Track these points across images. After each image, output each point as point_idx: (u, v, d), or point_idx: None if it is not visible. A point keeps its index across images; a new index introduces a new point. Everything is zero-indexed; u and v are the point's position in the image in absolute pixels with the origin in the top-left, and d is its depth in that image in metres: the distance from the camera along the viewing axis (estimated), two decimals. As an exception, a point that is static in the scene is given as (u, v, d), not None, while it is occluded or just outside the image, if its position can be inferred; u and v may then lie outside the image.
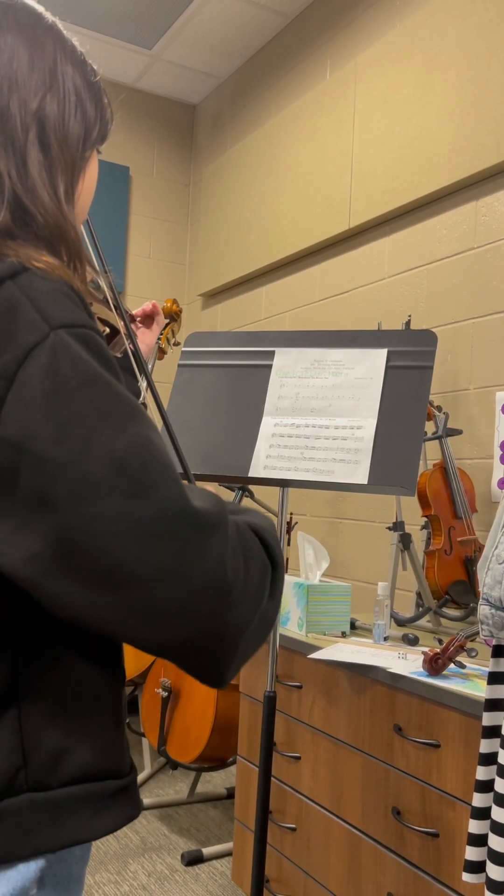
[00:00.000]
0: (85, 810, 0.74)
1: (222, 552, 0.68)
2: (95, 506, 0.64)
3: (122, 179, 4.24)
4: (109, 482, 0.65)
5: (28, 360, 0.66)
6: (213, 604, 0.67)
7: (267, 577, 0.75)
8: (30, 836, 0.71)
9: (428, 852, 1.67)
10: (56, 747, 0.73)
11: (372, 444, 1.62)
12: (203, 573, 0.67)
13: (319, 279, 3.36)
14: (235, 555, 0.70)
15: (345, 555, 3.09)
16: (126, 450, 0.66)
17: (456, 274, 2.67)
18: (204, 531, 0.68)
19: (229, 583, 0.68)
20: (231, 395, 1.81)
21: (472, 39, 2.59)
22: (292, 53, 3.67)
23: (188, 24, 3.72)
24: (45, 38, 0.82)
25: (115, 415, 0.67)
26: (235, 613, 0.69)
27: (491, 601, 1.29)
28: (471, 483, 2.41)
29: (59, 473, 0.64)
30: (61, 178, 0.81)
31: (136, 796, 0.80)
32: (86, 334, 0.70)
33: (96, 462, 0.65)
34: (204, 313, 4.28)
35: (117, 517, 0.64)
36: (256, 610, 0.72)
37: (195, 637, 0.68)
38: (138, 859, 2.65)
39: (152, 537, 0.65)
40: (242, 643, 0.72)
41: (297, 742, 2.10)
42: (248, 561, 0.72)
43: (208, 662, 0.71)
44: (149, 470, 0.67)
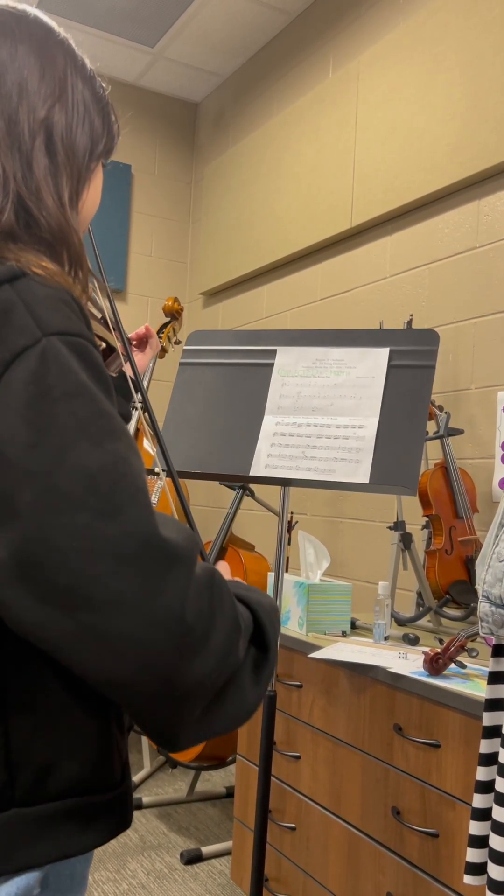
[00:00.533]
0: (73, 824, 0.73)
1: (183, 588, 0.65)
2: (60, 519, 0.62)
3: (123, 177, 4.24)
4: (77, 497, 0.63)
5: (15, 363, 0.66)
6: (166, 641, 0.63)
7: (237, 637, 0.70)
8: (17, 851, 0.71)
9: (427, 852, 1.67)
10: (43, 762, 0.72)
11: (373, 443, 1.62)
12: (159, 606, 0.63)
13: (321, 278, 3.36)
14: (200, 598, 0.66)
15: (345, 554, 3.08)
16: (99, 467, 0.64)
17: (458, 273, 2.67)
18: (167, 562, 0.65)
19: (188, 624, 0.64)
20: (232, 394, 1.81)
21: (474, 38, 2.58)
22: (294, 52, 3.66)
23: (190, 22, 3.72)
24: (56, 50, 0.83)
25: (94, 429, 0.66)
26: (192, 662, 0.65)
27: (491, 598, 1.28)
28: (472, 483, 2.41)
29: (28, 481, 0.63)
30: (66, 184, 0.81)
31: (125, 807, 0.79)
32: (79, 343, 0.69)
33: (67, 475, 0.63)
34: (205, 312, 4.28)
35: (80, 534, 0.62)
36: (220, 669, 0.68)
37: (144, 677, 0.64)
38: (137, 858, 2.65)
39: (113, 560, 0.63)
40: (199, 702, 0.67)
41: (297, 741, 2.10)
42: (216, 611, 0.68)
43: (159, 714, 0.66)
44: (120, 490, 0.64)
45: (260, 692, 0.74)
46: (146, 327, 1.47)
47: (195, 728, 0.69)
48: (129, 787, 0.81)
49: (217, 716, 0.70)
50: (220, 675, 0.68)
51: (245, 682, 0.72)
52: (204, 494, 4.16)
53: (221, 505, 4.00)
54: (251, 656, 0.74)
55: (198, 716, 0.68)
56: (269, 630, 0.76)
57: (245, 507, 3.75)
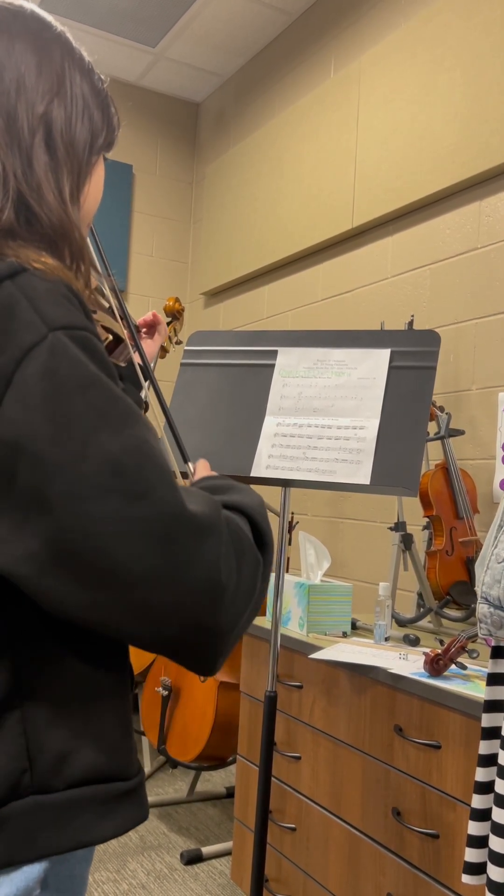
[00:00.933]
0: (90, 813, 0.74)
1: (216, 555, 0.69)
2: (92, 506, 0.65)
3: (125, 177, 4.24)
4: (106, 483, 0.65)
5: (26, 360, 0.67)
6: (207, 604, 0.69)
7: (258, 569, 0.76)
8: (35, 839, 0.71)
9: (428, 853, 1.67)
10: (60, 749, 0.73)
11: (374, 444, 1.62)
12: (198, 575, 0.68)
13: (322, 278, 3.36)
14: (229, 557, 0.71)
15: (346, 555, 3.08)
16: (123, 451, 0.67)
17: (459, 274, 2.67)
18: (199, 534, 0.68)
19: (223, 584, 0.70)
20: (233, 395, 1.81)
21: (476, 39, 2.58)
22: (296, 52, 3.66)
23: (192, 23, 3.72)
24: (54, 45, 0.83)
25: (112, 416, 0.68)
26: (228, 611, 0.71)
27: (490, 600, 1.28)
28: (472, 483, 2.41)
29: (56, 474, 0.65)
30: (67, 180, 0.81)
31: (143, 799, 0.80)
32: (83, 336, 0.70)
33: (93, 463, 0.65)
34: (206, 312, 4.28)
35: (113, 518, 0.65)
36: (248, 605, 0.74)
37: (190, 635, 0.69)
38: (137, 858, 2.65)
39: (148, 538, 0.66)
40: (234, 635, 0.73)
41: (298, 742, 2.10)
42: (241, 560, 0.73)
43: (202, 656, 0.72)
44: (145, 472, 0.67)
45: (266, 583, 0.80)
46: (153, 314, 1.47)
47: (229, 651, 0.75)
48: (143, 779, 0.81)
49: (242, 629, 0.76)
50: (249, 605, 0.74)
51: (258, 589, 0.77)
52: (205, 494, 4.16)
53: (222, 505, 3.99)
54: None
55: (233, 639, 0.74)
56: (264, 530, 0.80)
57: (246, 507, 3.74)
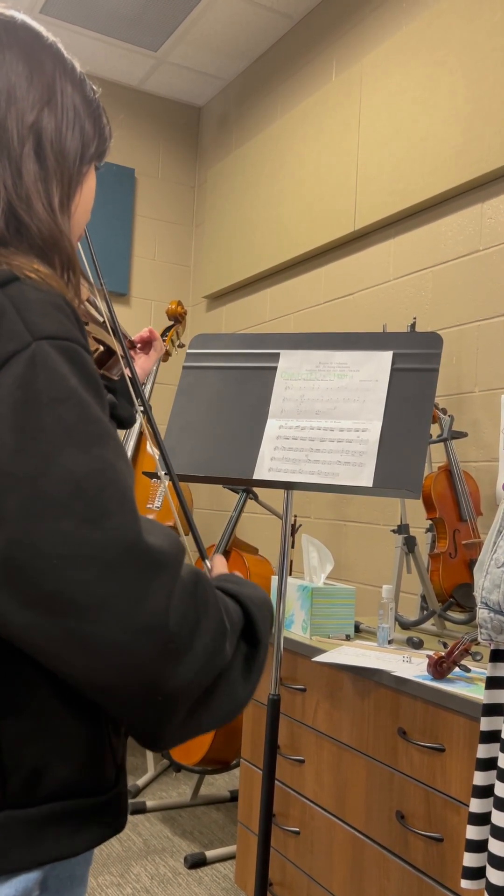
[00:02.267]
0: (65, 826, 0.73)
1: (167, 595, 0.65)
2: (45, 525, 0.63)
3: (127, 181, 4.25)
4: (63, 503, 0.63)
5: (4, 368, 0.66)
6: (150, 648, 0.64)
7: (224, 639, 0.70)
8: (9, 853, 0.71)
9: (432, 857, 1.66)
10: (35, 764, 0.72)
11: (377, 446, 1.62)
12: (142, 614, 0.64)
13: (324, 281, 3.36)
14: (184, 603, 0.66)
15: (349, 557, 3.08)
16: (86, 472, 0.64)
17: (461, 276, 2.66)
18: (152, 568, 0.65)
19: (171, 630, 0.65)
20: (236, 398, 1.81)
21: (478, 41, 2.59)
22: (298, 55, 3.67)
23: (193, 26, 3.72)
24: (45, 55, 0.82)
25: (81, 435, 0.66)
26: (176, 667, 0.65)
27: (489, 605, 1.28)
28: (475, 486, 2.41)
29: (13, 487, 0.63)
30: (56, 189, 0.81)
31: (119, 811, 0.79)
32: (70, 347, 0.69)
33: (53, 481, 0.63)
34: (208, 315, 4.28)
35: (65, 540, 0.63)
36: (205, 671, 0.68)
37: (127, 682, 0.64)
38: (141, 862, 2.65)
39: (97, 566, 0.63)
40: (183, 705, 0.68)
41: (301, 745, 2.09)
42: (201, 615, 0.68)
43: (143, 716, 0.67)
44: (105, 496, 0.65)
45: (251, 686, 0.74)
46: (150, 330, 1.47)
47: (180, 728, 0.69)
48: (123, 789, 0.80)
49: (206, 714, 0.71)
50: (205, 677, 0.68)
51: (235, 679, 0.73)
52: (207, 498, 4.16)
53: (225, 508, 4.00)
54: (241, 652, 0.74)
55: (183, 717, 0.69)
56: (259, 624, 0.76)
57: (248, 510, 3.75)
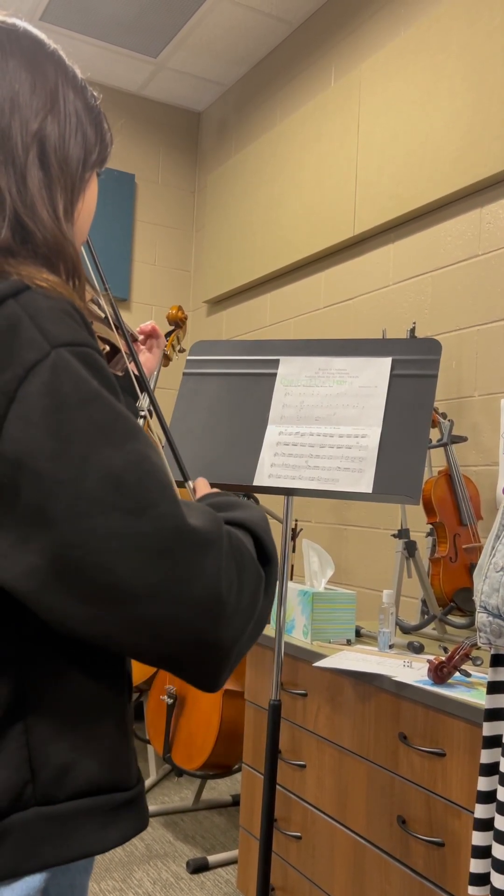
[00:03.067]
0: (92, 823, 0.75)
1: (217, 569, 0.70)
2: (93, 522, 0.65)
3: (127, 187, 4.26)
4: (107, 499, 0.66)
5: (29, 377, 0.67)
6: (208, 619, 0.69)
7: (261, 585, 0.76)
8: (38, 849, 0.72)
9: (433, 861, 1.67)
10: (63, 761, 0.74)
11: (376, 452, 1.62)
12: (199, 590, 0.68)
13: (324, 286, 3.37)
14: (230, 570, 0.71)
15: (349, 562, 3.08)
16: (124, 467, 0.67)
17: (461, 281, 2.67)
18: (200, 548, 0.69)
19: (224, 599, 0.70)
20: (235, 404, 1.81)
21: (477, 46, 2.59)
22: (297, 61, 3.68)
23: (193, 32, 3.74)
24: (47, 63, 0.83)
25: (113, 432, 0.68)
26: (230, 626, 0.71)
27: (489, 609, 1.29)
28: (476, 490, 2.41)
29: (58, 490, 0.65)
30: (61, 196, 0.81)
31: (143, 808, 0.81)
32: (86, 353, 0.71)
33: (94, 479, 0.66)
34: (209, 320, 4.29)
35: (114, 534, 0.66)
36: (250, 620, 0.74)
37: (192, 650, 0.70)
38: (143, 867, 2.65)
39: (149, 554, 0.66)
40: (236, 650, 0.74)
41: (302, 750, 2.10)
42: (242, 574, 0.73)
43: (204, 671, 0.73)
44: (146, 487, 0.68)
45: (271, 602, 0.80)
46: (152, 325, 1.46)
47: (232, 667, 0.75)
48: (143, 788, 0.82)
49: (245, 646, 0.76)
50: (250, 622, 0.74)
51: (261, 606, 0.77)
52: (209, 502, 4.16)
53: (226, 512, 4.00)
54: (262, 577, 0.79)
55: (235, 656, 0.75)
56: (268, 544, 0.81)
57: (250, 514, 3.75)
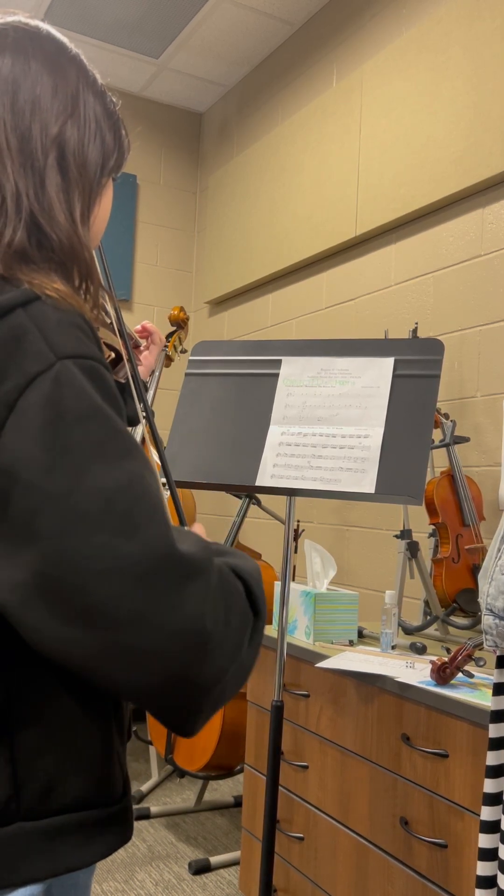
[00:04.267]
0: (76, 838, 0.74)
1: (202, 600, 0.67)
2: (79, 540, 0.63)
3: (129, 187, 4.26)
4: (96, 518, 0.64)
5: (30, 388, 0.66)
6: (188, 652, 0.66)
7: (247, 628, 0.73)
8: (21, 864, 0.71)
9: (436, 863, 1.66)
10: (48, 776, 0.73)
11: (379, 452, 1.62)
12: (181, 620, 0.65)
13: (326, 287, 3.37)
14: (216, 604, 0.69)
15: (352, 562, 3.08)
16: (116, 487, 0.65)
17: (463, 281, 2.67)
18: (186, 576, 0.66)
19: (207, 632, 0.67)
20: (238, 404, 1.81)
21: (479, 47, 2.59)
22: (298, 61, 3.68)
23: (195, 33, 3.74)
24: (69, 66, 0.83)
25: (109, 450, 0.67)
26: (211, 664, 0.68)
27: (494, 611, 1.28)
28: (478, 490, 2.41)
29: (47, 504, 0.64)
30: (78, 201, 0.81)
31: (127, 821, 0.80)
32: (92, 366, 0.70)
33: (85, 496, 0.64)
34: (211, 321, 4.29)
35: (100, 554, 0.63)
36: (233, 661, 0.71)
37: (167, 685, 0.67)
38: (145, 868, 2.65)
39: (133, 578, 0.64)
40: (216, 692, 0.70)
41: (305, 751, 2.09)
42: (229, 612, 0.70)
43: (181, 710, 0.69)
44: (137, 509, 0.66)
45: (255, 654, 0.77)
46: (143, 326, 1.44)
47: (210, 712, 0.72)
48: (129, 800, 0.82)
49: (226, 693, 0.73)
50: (233, 664, 0.71)
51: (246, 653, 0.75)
52: (210, 503, 4.16)
53: (228, 514, 4.00)
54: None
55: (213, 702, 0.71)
56: (258, 596, 0.78)
57: (251, 515, 3.75)
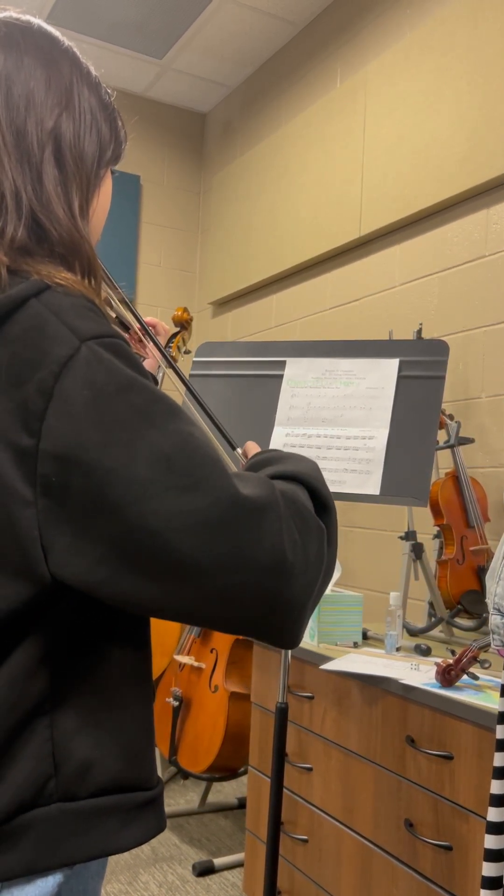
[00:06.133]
0: (113, 821, 0.74)
1: (278, 532, 0.70)
2: (150, 505, 0.66)
3: (132, 188, 4.26)
4: (160, 480, 0.67)
5: (64, 373, 0.68)
6: (277, 582, 0.70)
7: (323, 536, 0.76)
8: (59, 846, 0.72)
9: (441, 865, 1.66)
10: (86, 757, 0.73)
11: (384, 454, 1.62)
12: (263, 554, 0.69)
13: (330, 287, 3.36)
14: (291, 531, 0.72)
15: (356, 564, 3.08)
16: (171, 447, 0.68)
17: (467, 282, 2.66)
18: (258, 514, 0.69)
19: (289, 560, 0.71)
20: (242, 405, 1.81)
21: (483, 47, 2.59)
22: (302, 62, 3.67)
23: (198, 34, 3.74)
24: (62, 60, 0.83)
25: (155, 415, 0.69)
26: (300, 585, 0.72)
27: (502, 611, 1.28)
28: (483, 492, 2.40)
29: (111, 478, 0.66)
30: (76, 194, 0.82)
31: (162, 809, 0.80)
32: (113, 343, 0.72)
33: (144, 462, 0.67)
34: (214, 321, 4.29)
35: (172, 513, 0.66)
36: (319, 573, 0.74)
37: (266, 613, 0.71)
38: (149, 870, 2.64)
39: (209, 528, 0.67)
40: (310, 605, 0.74)
41: (309, 753, 2.09)
42: (304, 531, 0.73)
43: (282, 631, 0.73)
44: (195, 464, 0.68)
45: (335, 548, 0.80)
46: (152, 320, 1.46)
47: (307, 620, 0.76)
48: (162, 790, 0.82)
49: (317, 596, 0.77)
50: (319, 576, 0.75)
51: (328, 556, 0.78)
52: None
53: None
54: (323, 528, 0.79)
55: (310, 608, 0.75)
56: (323, 493, 0.80)
57: (255, 516, 3.74)
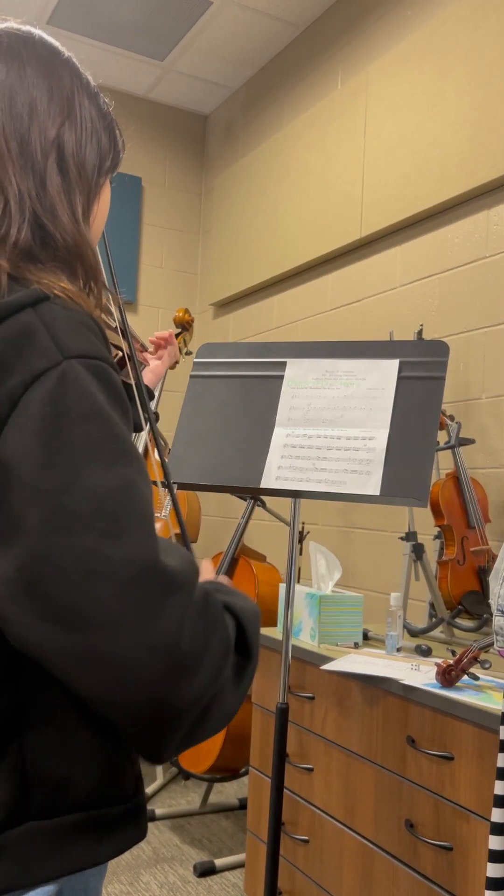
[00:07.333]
0: (88, 836, 0.74)
1: (181, 614, 0.66)
2: (66, 539, 0.64)
3: (134, 189, 4.26)
4: (84, 519, 0.64)
5: (35, 384, 0.67)
6: (162, 666, 0.65)
7: (228, 657, 0.72)
8: (34, 865, 0.71)
9: (442, 866, 1.66)
10: (59, 775, 0.73)
11: (384, 455, 1.62)
12: (157, 631, 0.65)
13: (331, 288, 3.37)
14: (196, 622, 0.68)
15: (357, 564, 3.08)
16: (108, 490, 0.66)
17: (468, 283, 2.67)
18: (167, 588, 0.66)
19: (183, 650, 0.66)
20: (243, 406, 1.81)
21: (484, 48, 2.59)
22: (304, 63, 3.68)
23: (200, 36, 3.74)
24: (63, 70, 0.84)
25: (106, 452, 0.67)
26: (184, 686, 0.66)
27: (505, 613, 1.28)
28: (483, 492, 2.40)
29: (39, 500, 0.64)
30: (79, 200, 0.83)
31: (140, 819, 0.80)
32: (98, 366, 0.71)
33: (77, 496, 0.65)
34: (216, 322, 4.29)
35: (84, 555, 0.64)
36: (211, 688, 0.69)
37: (137, 699, 0.65)
38: (150, 870, 2.64)
39: (114, 583, 0.64)
40: (187, 720, 0.69)
41: (310, 753, 2.09)
42: (210, 633, 0.69)
43: (149, 731, 0.68)
44: (126, 514, 0.66)
45: (241, 697, 0.75)
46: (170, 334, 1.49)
47: (180, 742, 0.70)
48: (142, 798, 0.81)
49: (201, 728, 0.72)
50: (209, 694, 0.70)
51: (228, 692, 0.73)
52: (215, 505, 4.16)
53: (233, 516, 4.00)
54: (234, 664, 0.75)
55: (185, 732, 0.70)
56: (251, 637, 0.77)
57: (256, 517, 3.75)
